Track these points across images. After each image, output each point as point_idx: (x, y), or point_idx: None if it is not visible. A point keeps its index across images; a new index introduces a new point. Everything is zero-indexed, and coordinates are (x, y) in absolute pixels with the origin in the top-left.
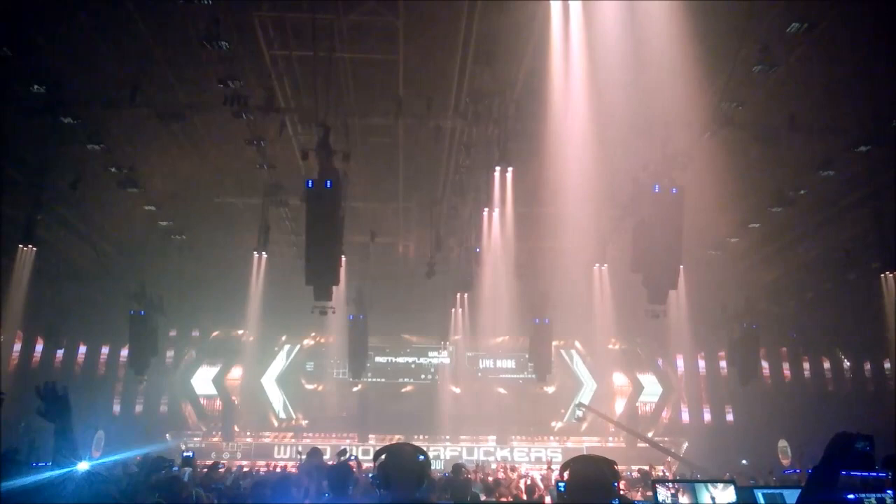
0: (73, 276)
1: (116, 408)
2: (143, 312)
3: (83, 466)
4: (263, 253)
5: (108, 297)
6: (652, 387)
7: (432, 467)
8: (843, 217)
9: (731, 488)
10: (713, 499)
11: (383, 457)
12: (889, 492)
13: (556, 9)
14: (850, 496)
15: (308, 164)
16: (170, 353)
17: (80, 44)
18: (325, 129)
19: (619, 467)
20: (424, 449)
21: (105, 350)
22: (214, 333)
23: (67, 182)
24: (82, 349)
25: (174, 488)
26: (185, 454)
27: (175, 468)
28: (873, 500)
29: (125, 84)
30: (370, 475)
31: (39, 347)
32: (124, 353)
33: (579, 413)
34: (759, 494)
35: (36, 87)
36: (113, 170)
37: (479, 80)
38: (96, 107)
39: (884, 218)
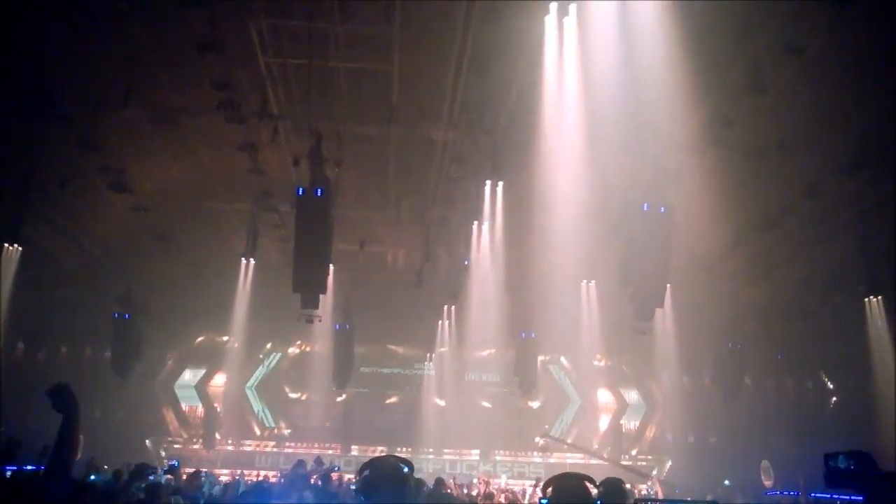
0: (59, 277)
1: (97, 412)
2: (127, 316)
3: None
4: (251, 259)
5: (92, 300)
6: (636, 404)
7: (415, 479)
8: (830, 240)
9: None
10: None
11: (367, 471)
12: None
13: (550, 23)
14: None
15: (299, 170)
16: (153, 358)
17: (72, 46)
18: (317, 136)
19: None
20: (409, 461)
21: (88, 353)
22: (199, 339)
23: (56, 182)
24: (65, 351)
25: (154, 496)
26: (171, 463)
27: (152, 476)
28: None
29: (117, 87)
30: (353, 486)
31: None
32: (108, 356)
33: (542, 441)
34: None
35: (27, 88)
36: (102, 172)
37: (472, 92)
38: (88, 109)
39: (869, 242)
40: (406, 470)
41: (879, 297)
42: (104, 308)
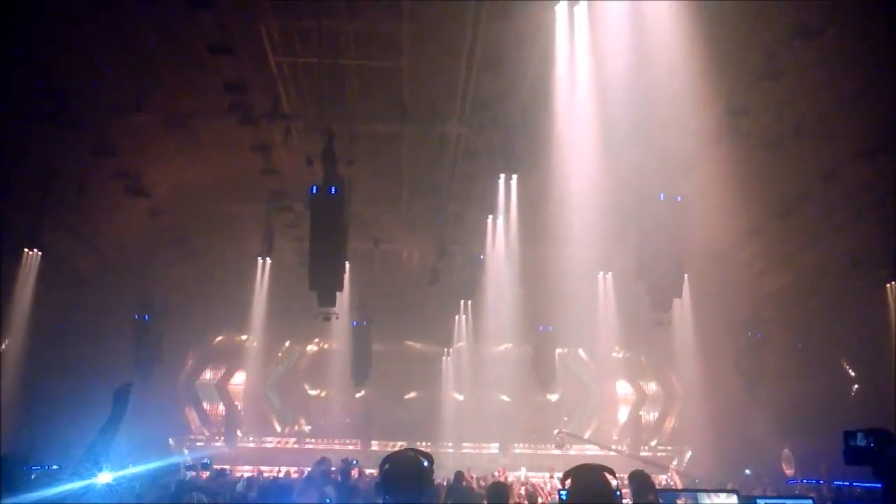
0: (78, 280)
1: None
2: (147, 318)
3: (104, 479)
4: (267, 259)
5: (112, 302)
6: (656, 395)
7: (435, 474)
8: (849, 225)
9: (734, 498)
10: None
11: (387, 466)
12: None
13: (561, 17)
14: None
15: (313, 170)
16: (174, 358)
17: (85, 50)
18: (329, 135)
19: (622, 475)
20: (430, 454)
21: (109, 355)
22: (218, 338)
23: (73, 187)
24: (86, 354)
25: (177, 492)
26: (202, 461)
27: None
28: None
29: (130, 90)
30: (375, 482)
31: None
32: (128, 358)
33: (558, 435)
34: None
35: (41, 92)
36: (118, 176)
37: (484, 88)
38: (101, 114)
39: (890, 226)
40: (426, 464)
41: None
42: (124, 310)
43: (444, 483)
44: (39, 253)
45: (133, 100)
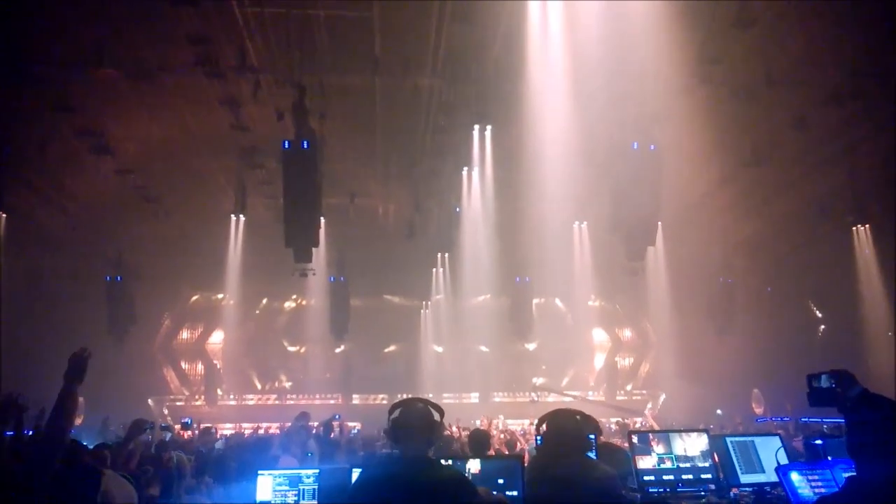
0: (45, 243)
1: (97, 375)
2: (119, 279)
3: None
4: (241, 216)
5: (83, 264)
6: (631, 342)
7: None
8: (818, 171)
9: (704, 437)
10: (685, 448)
11: (397, 413)
12: None
13: None
14: None
15: (284, 125)
16: (149, 319)
17: (43, 2)
18: (300, 88)
19: (599, 419)
20: (441, 407)
21: (82, 317)
22: (194, 298)
23: (34, 146)
24: (56, 319)
25: (155, 451)
26: (183, 420)
27: (150, 426)
28: None
29: (91, 44)
30: (383, 430)
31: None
32: (102, 321)
33: (535, 395)
34: (729, 442)
35: None
36: (81, 135)
37: (456, 39)
38: (60, 69)
39: (857, 172)
40: (438, 418)
41: (867, 226)
42: (95, 272)
43: None
44: (3, 215)
45: (93, 54)
